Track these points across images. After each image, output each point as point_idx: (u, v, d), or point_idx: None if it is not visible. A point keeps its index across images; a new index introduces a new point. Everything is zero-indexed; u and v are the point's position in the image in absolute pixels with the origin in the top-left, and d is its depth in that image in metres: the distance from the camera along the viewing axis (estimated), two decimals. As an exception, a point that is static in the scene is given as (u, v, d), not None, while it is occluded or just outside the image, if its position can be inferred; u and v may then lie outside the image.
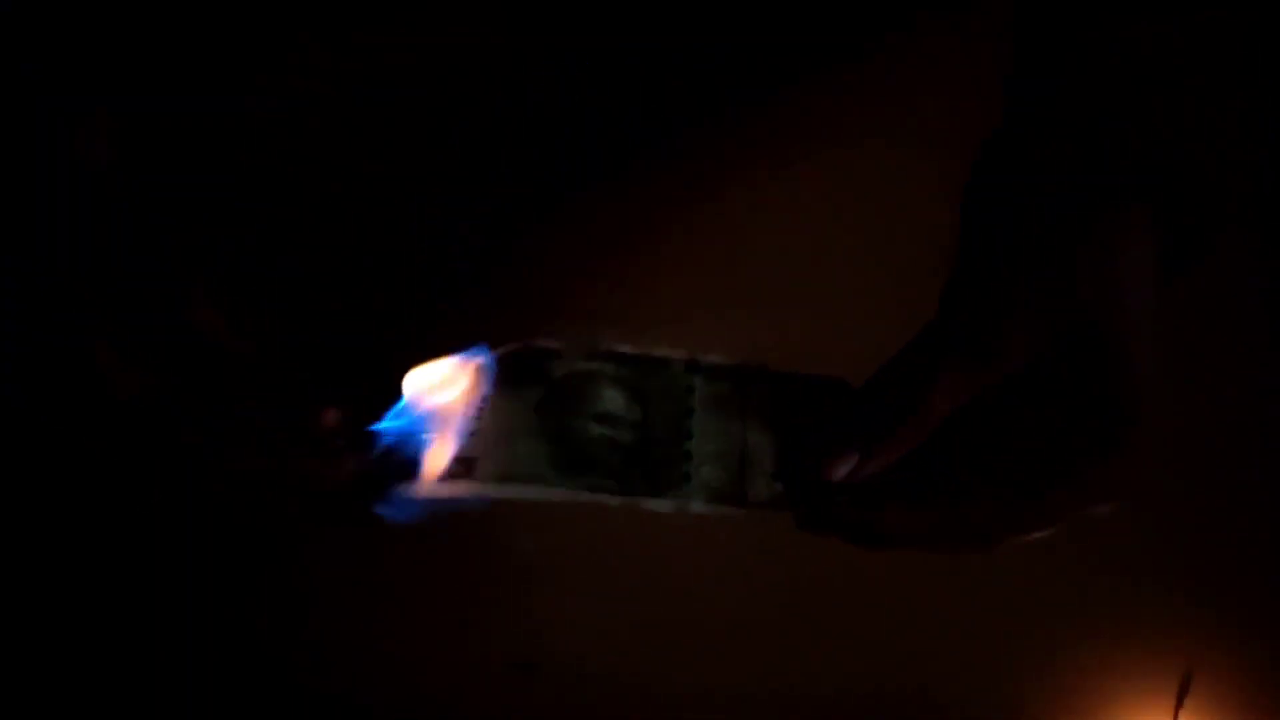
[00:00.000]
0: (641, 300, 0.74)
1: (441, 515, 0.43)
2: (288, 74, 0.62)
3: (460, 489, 0.42)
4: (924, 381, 0.43)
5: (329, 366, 0.54)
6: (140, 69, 0.57)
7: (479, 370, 0.45)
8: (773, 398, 0.46)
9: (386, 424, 0.44)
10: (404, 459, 0.44)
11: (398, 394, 0.45)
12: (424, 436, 0.44)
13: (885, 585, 0.71)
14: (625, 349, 0.46)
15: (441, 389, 0.45)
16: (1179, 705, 0.70)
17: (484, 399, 0.44)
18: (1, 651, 0.66)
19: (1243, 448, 0.74)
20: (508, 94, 0.68)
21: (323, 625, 0.71)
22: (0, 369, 0.58)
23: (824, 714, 0.71)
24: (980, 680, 0.71)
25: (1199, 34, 0.46)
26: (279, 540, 0.71)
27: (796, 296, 0.74)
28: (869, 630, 0.72)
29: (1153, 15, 0.46)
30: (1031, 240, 0.44)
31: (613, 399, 0.45)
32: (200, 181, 0.59)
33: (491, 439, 0.43)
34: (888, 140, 0.75)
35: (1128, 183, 0.44)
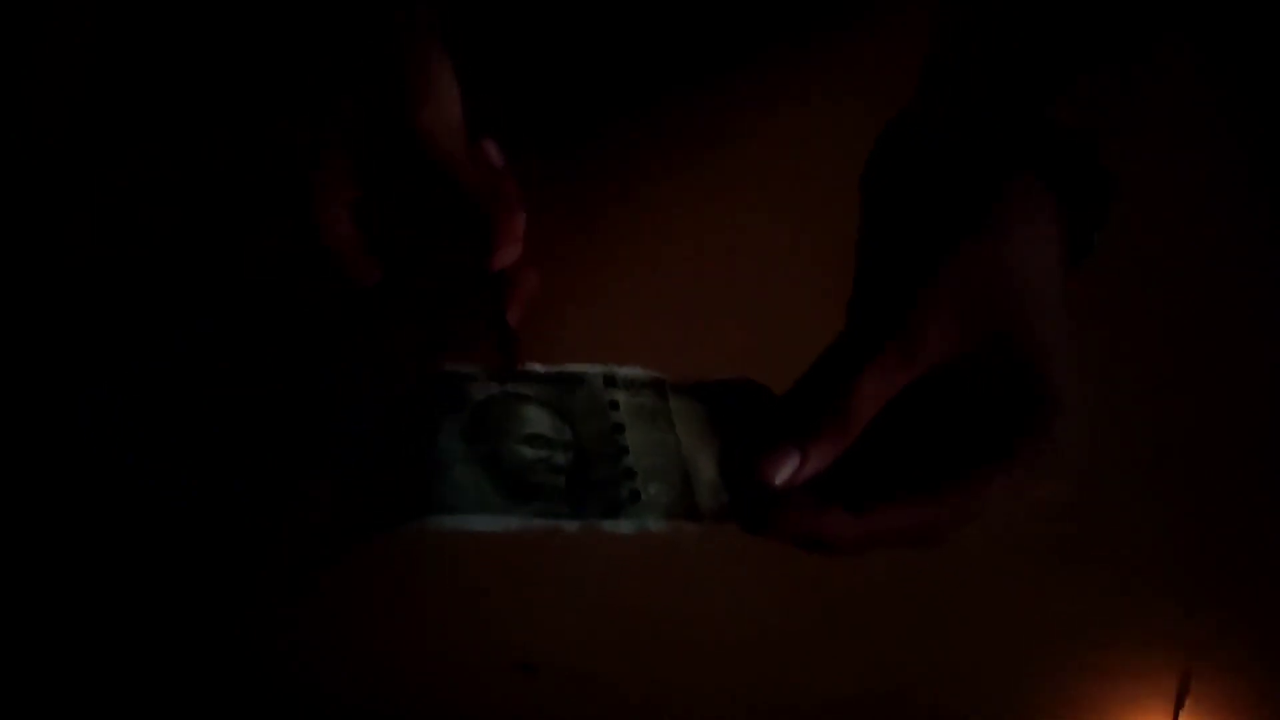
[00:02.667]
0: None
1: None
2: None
3: (409, 525, 0.41)
4: (847, 380, 0.43)
5: None
6: None
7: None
8: (695, 405, 0.46)
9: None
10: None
11: None
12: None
13: (884, 587, 0.71)
14: (538, 367, 0.45)
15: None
16: (1178, 706, 0.71)
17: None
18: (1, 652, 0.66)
19: (1241, 448, 0.74)
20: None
21: (322, 625, 0.71)
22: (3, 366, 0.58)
23: (822, 714, 0.71)
24: (980, 682, 0.71)
25: (1096, 29, 0.48)
26: (278, 539, 0.71)
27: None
28: (868, 632, 0.72)
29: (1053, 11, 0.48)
30: (933, 229, 0.44)
31: (539, 419, 0.44)
32: None
33: (427, 470, 0.41)
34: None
35: (1022, 158, 0.45)
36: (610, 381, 0.45)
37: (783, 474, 0.43)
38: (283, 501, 0.66)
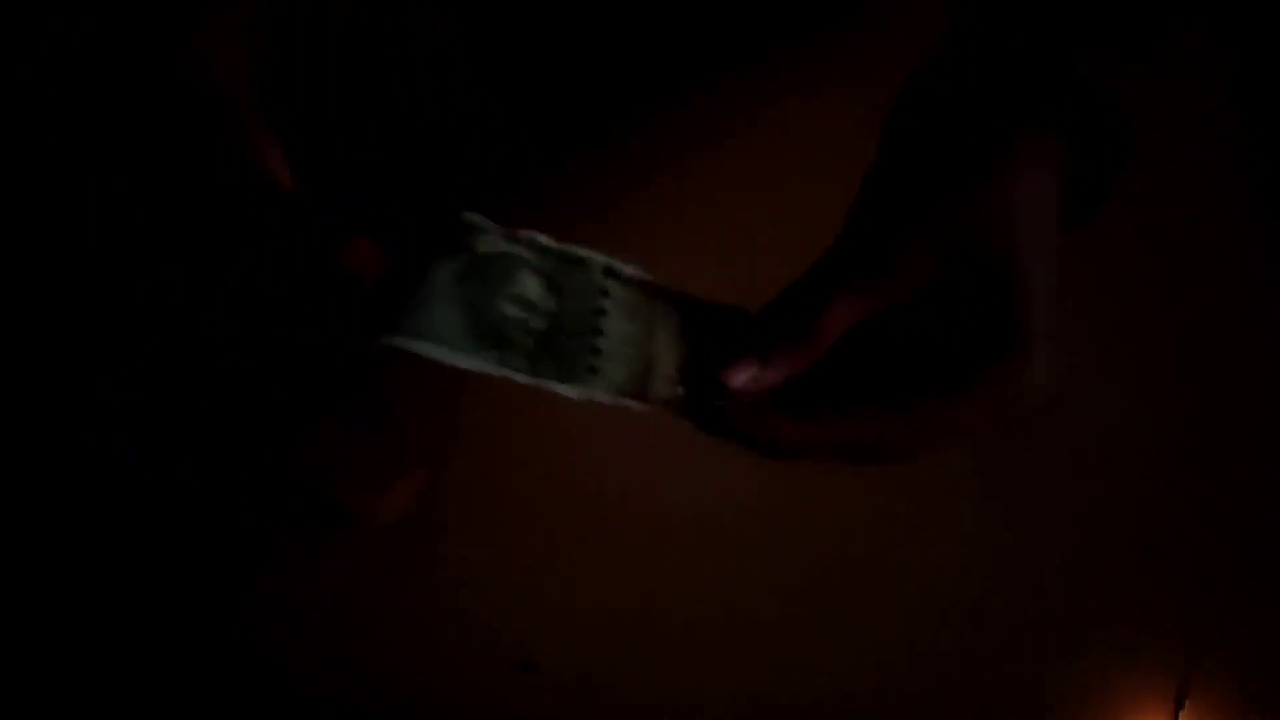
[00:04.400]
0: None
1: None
2: None
3: (382, 341, 0.44)
4: (819, 300, 0.44)
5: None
6: None
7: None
8: (679, 315, 0.48)
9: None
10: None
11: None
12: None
13: (885, 586, 0.71)
14: (548, 241, 0.47)
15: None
16: (1178, 706, 0.70)
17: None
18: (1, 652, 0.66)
19: (1242, 447, 0.74)
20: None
21: (322, 625, 0.71)
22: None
23: (823, 714, 0.71)
24: (980, 681, 0.71)
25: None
26: (278, 540, 0.71)
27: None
28: (868, 632, 0.72)
29: None
30: (936, 166, 0.45)
31: (530, 285, 0.46)
32: None
33: (412, 297, 0.44)
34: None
35: (1039, 109, 0.45)
36: (609, 273, 0.48)
37: (740, 378, 0.45)
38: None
